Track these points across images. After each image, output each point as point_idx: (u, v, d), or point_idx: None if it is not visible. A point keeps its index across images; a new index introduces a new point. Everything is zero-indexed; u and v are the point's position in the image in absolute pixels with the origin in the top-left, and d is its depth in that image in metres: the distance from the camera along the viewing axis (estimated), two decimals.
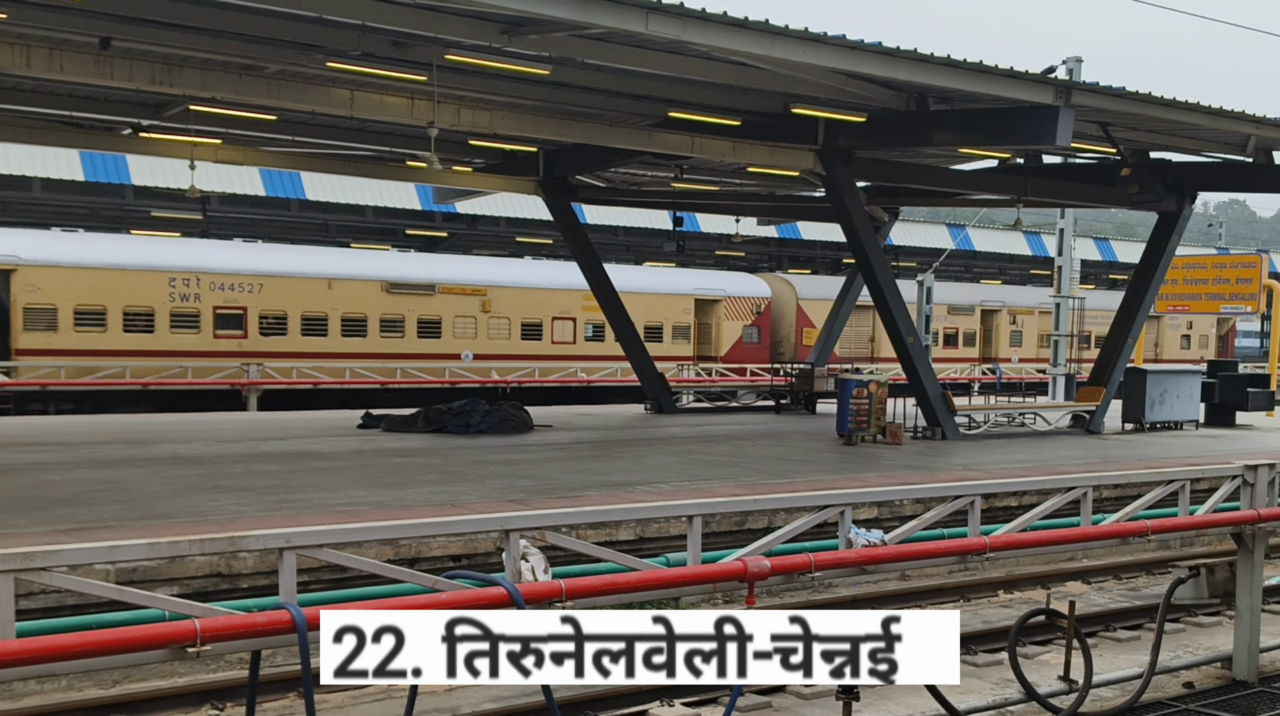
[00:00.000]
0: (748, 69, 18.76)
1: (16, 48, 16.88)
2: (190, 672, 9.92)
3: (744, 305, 45.13)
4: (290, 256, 37.19)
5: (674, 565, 11.23)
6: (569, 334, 41.02)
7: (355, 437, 23.08)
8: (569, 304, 40.75)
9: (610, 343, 39.62)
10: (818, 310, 44.63)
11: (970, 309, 52.16)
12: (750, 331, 45.18)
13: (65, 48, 17.32)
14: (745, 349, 44.84)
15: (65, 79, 18.35)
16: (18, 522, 12.15)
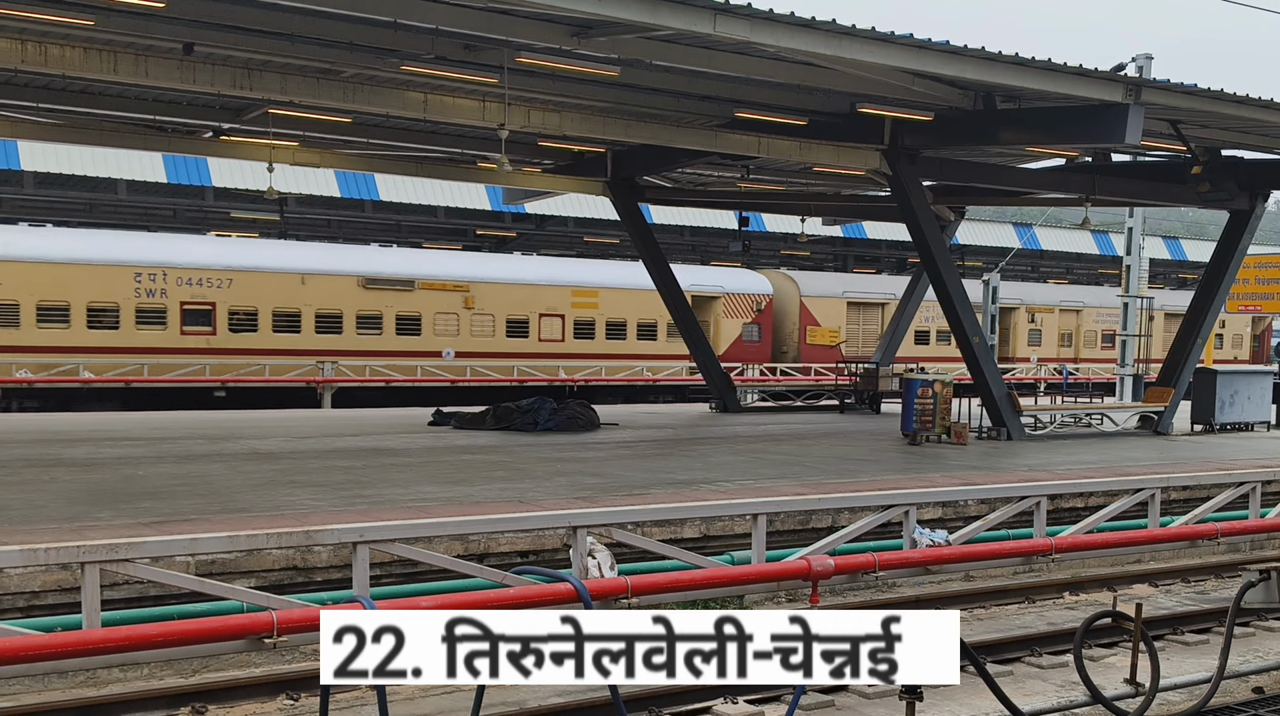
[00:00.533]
0: (814, 69, 18.70)
1: (104, 54, 17.23)
2: (266, 663, 10.07)
3: (743, 302, 43.24)
4: (262, 251, 36.12)
5: (738, 563, 11.26)
6: (557, 332, 39.62)
7: (426, 434, 23.29)
8: (557, 300, 39.41)
9: (600, 340, 40.14)
10: (822, 308, 44.50)
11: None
12: (750, 329, 43.37)
13: (150, 53, 17.64)
14: (745, 348, 43.08)
15: (150, 84, 18.69)
16: (102, 515, 12.40)
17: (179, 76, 17.79)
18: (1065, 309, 51.83)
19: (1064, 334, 51.52)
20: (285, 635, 6.80)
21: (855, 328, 45.82)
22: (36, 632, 6.35)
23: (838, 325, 44.85)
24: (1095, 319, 52.50)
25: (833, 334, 44.64)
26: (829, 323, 44.87)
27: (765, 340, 43.89)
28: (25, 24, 16.46)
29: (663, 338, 41.06)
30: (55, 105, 21.75)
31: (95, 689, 9.35)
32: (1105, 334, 51.73)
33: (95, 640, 6.29)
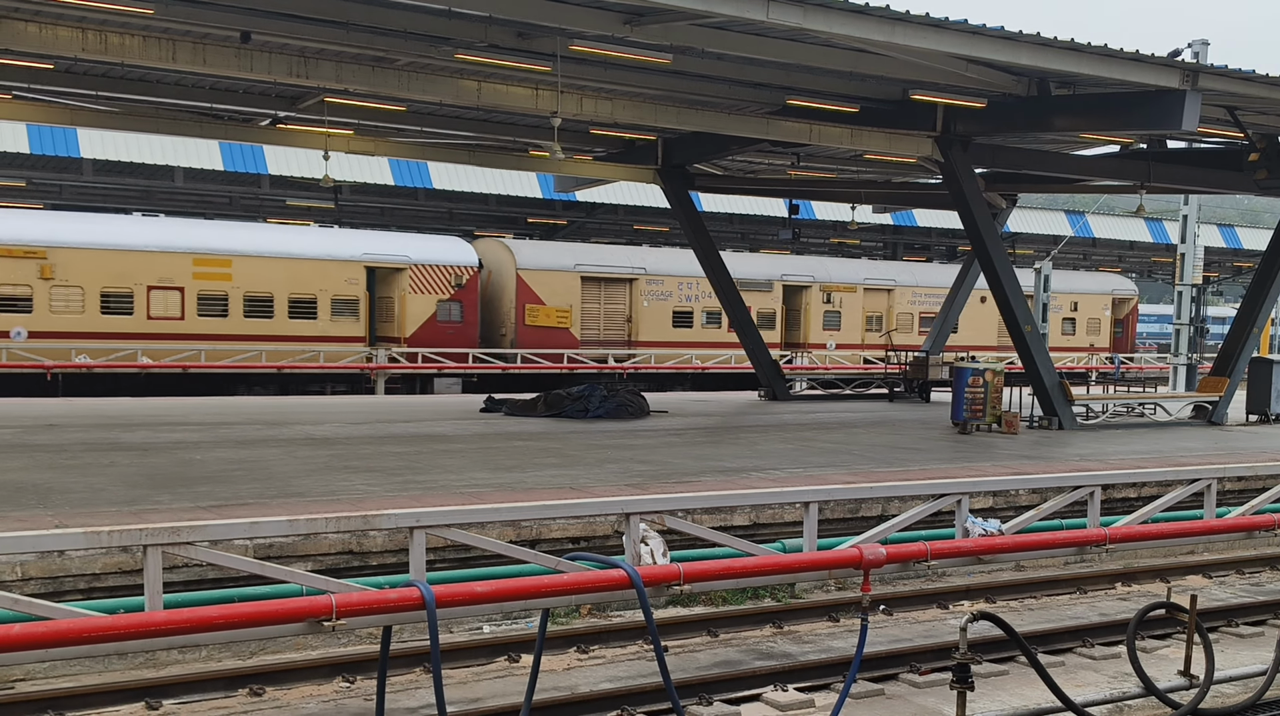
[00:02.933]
0: (866, 55, 18.59)
1: (163, 42, 17.40)
2: (323, 646, 10.17)
3: (438, 275, 36.90)
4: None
5: (790, 551, 11.23)
6: (175, 307, 32.95)
7: (478, 421, 23.40)
8: (173, 270, 32.77)
9: (236, 318, 33.46)
10: (547, 283, 38.41)
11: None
12: (448, 308, 37.12)
13: (208, 41, 17.81)
14: (440, 329, 36.90)
15: (208, 72, 18.85)
16: (162, 498, 12.56)
17: (236, 65, 17.93)
18: (871, 288, 45.77)
19: (871, 317, 45.67)
20: (344, 618, 6.84)
21: (594, 307, 39.76)
22: (99, 614, 6.43)
23: (568, 304, 38.85)
24: (910, 300, 46.59)
25: (561, 314, 38.77)
26: (556, 301, 38.63)
27: (469, 321, 37.51)
28: (85, 12, 16.65)
29: (325, 316, 34.90)
30: (114, 93, 22.00)
31: (154, 670, 9.47)
32: (925, 317, 45.81)
33: (158, 622, 6.35)
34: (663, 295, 40.50)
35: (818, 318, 44.08)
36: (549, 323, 38.45)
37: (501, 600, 7.95)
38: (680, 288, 40.49)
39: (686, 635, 11.13)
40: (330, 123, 23.38)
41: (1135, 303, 54.47)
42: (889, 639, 11.20)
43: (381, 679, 7.47)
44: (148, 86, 21.82)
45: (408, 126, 25.13)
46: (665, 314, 40.44)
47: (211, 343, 33.02)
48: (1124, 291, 53.98)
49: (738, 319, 31.58)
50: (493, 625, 11.22)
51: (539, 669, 8.23)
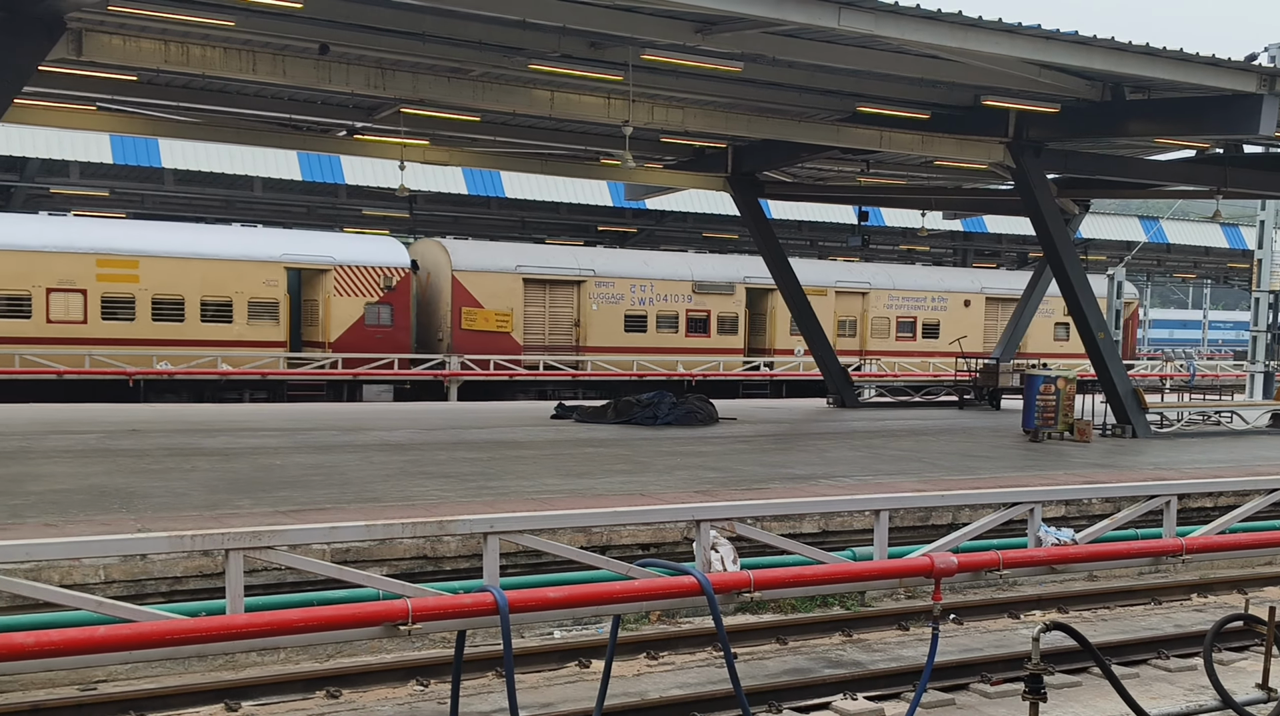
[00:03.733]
0: (938, 61, 18.44)
1: (243, 54, 17.69)
2: (397, 649, 10.27)
3: (365, 277, 34.57)
4: None
5: (860, 559, 11.15)
6: (77, 311, 30.92)
7: (549, 427, 23.50)
8: (74, 272, 30.80)
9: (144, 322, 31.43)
10: (485, 285, 36.10)
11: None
12: (377, 311, 34.87)
13: (287, 53, 18.05)
14: (368, 334, 34.64)
15: (287, 83, 19.13)
16: (242, 503, 12.75)
17: (315, 76, 18.18)
18: (844, 291, 42.69)
19: (844, 321, 42.69)
20: (419, 622, 6.91)
21: (538, 310, 37.37)
22: (182, 617, 6.55)
23: (508, 307, 36.55)
24: (886, 303, 43.62)
25: (500, 318, 36.44)
26: (496, 304, 36.33)
27: (401, 324, 35.38)
28: (167, 25, 16.96)
29: (241, 319, 32.78)
30: (195, 104, 22.38)
31: (233, 671, 9.63)
32: (903, 321, 43.67)
33: (239, 625, 6.46)
34: (614, 298, 37.97)
35: (784, 322, 40.49)
36: (488, 327, 36.28)
37: (573, 606, 7.99)
38: (633, 290, 37.95)
39: (755, 642, 11.11)
40: (406, 133, 23.61)
41: (1135, 307, 51.26)
42: (960, 648, 11.10)
43: (456, 682, 7.53)
44: (228, 98, 22.18)
45: (481, 136, 25.32)
46: (617, 318, 37.97)
47: (116, 347, 31.07)
48: (1125, 294, 51.48)
49: (806, 327, 31.39)
50: (563, 630, 11.27)
51: (610, 674, 8.26)
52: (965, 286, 45.41)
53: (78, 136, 33.97)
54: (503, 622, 7.18)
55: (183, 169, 37.49)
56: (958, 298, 44.73)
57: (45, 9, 14.78)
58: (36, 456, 16.56)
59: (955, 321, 43.68)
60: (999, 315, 44.91)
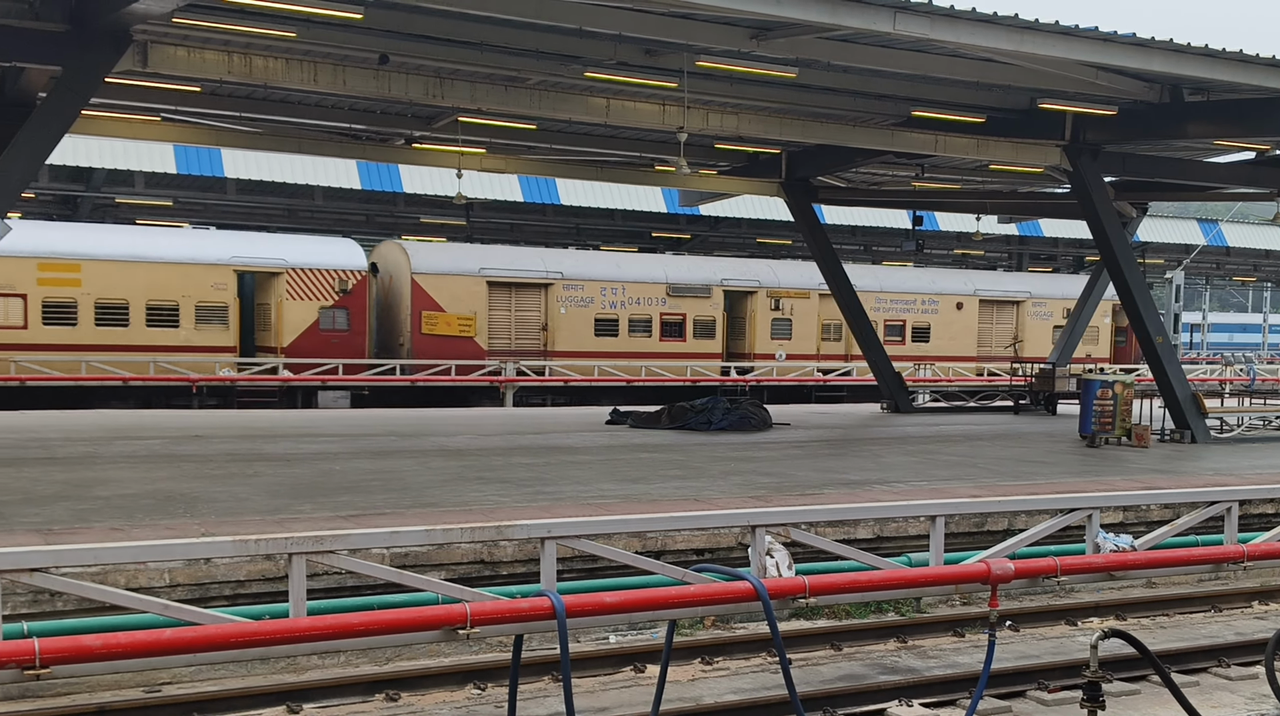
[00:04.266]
0: (994, 64, 18.32)
1: (305, 64, 17.92)
2: (455, 653, 10.33)
3: (319, 280, 33.25)
4: None
5: (915, 565, 11.08)
6: (17, 316, 29.97)
7: (603, 433, 23.55)
8: (15, 276, 29.67)
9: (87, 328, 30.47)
10: (447, 289, 34.81)
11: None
12: (332, 315, 33.54)
13: (347, 64, 18.27)
14: (323, 339, 33.28)
15: (347, 93, 19.35)
16: (303, 508, 12.87)
17: (375, 86, 18.37)
18: (828, 294, 38.52)
19: (829, 324, 40.69)
20: (477, 627, 6.96)
21: (503, 314, 36.01)
22: (246, 620, 6.63)
23: (471, 311, 35.23)
24: (873, 306, 40.37)
25: (463, 322, 35.09)
26: (458, 307, 35.05)
27: (357, 329, 34.07)
28: (230, 36, 17.22)
29: (188, 324, 31.76)
30: (257, 114, 22.67)
31: (295, 674, 9.73)
32: (891, 324, 41.48)
33: (302, 628, 6.53)
34: (583, 301, 36.63)
35: (765, 326, 39.65)
36: (449, 331, 34.88)
37: (629, 610, 8.01)
38: (604, 293, 36.68)
39: (810, 647, 11.07)
40: (463, 141, 23.77)
41: None
42: (1016, 655, 11.00)
43: (513, 686, 7.56)
44: (289, 108, 22.45)
45: (537, 144, 25.44)
46: (586, 321, 36.67)
47: (58, 353, 30.03)
48: None
49: (861, 333, 31.22)
50: (619, 635, 11.29)
51: (665, 679, 8.26)
52: (957, 288, 43.62)
53: (143, 147, 34.45)
54: (560, 627, 7.21)
55: (245, 178, 37.93)
56: (949, 300, 43.21)
57: (112, 22, 15.05)
58: (103, 461, 16.83)
59: (947, 324, 42.49)
60: (994, 318, 43.87)
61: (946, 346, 41.81)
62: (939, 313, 42.64)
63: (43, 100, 16.79)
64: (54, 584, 6.61)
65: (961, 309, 43.23)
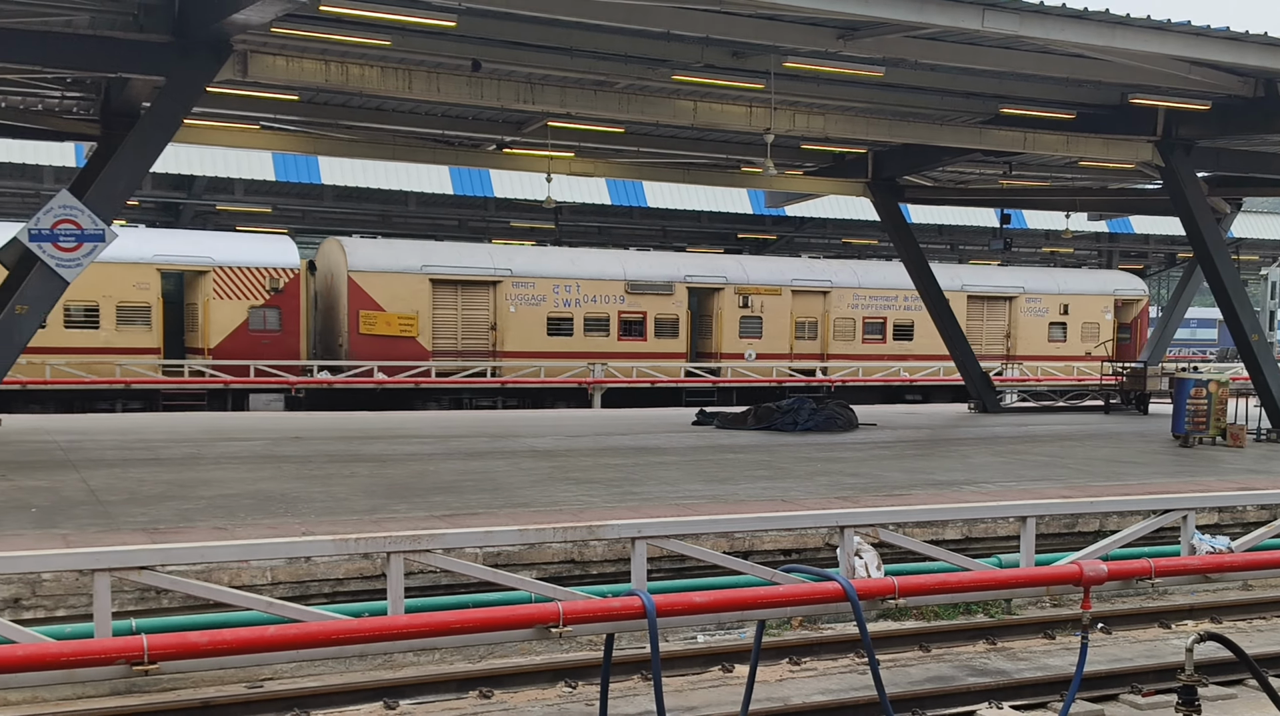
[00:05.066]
0: (1084, 60, 18.00)
1: (399, 72, 18.15)
2: (546, 651, 10.40)
3: (249, 278, 31.77)
4: None
5: (1005, 566, 10.94)
6: None
7: (690, 434, 23.54)
8: None
9: None
10: (385, 287, 33.12)
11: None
12: (263, 315, 32.15)
13: (441, 71, 18.46)
14: (253, 339, 31.86)
15: (440, 99, 19.54)
16: (399, 508, 13.04)
17: (468, 92, 18.56)
18: (802, 290, 38.72)
19: (803, 322, 38.80)
20: (570, 625, 7.00)
21: (449, 313, 34.23)
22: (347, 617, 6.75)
23: (414, 310, 33.52)
24: (851, 303, 39.46)
25: (404, 322, 33.40)
26: (399, 307, 33.34)
27: (289, 329, 32.51)
28: (328, 45, 17.51)
29: (109, 325, 30.41)
30: (353, 122, 23.01)
31: (391, 671, 9.86)
32: (870, 322, 39.63)
33: (400, 626, 6.62)
34: (534, 299, 34.76)
35: (733, 324, 37.53)
36: (389, 331, 33.20)
37: (719, 611, 8.00)
38: (556, 291, 34.95)
39: (898, 649, 10.98)
40: (552, 145, 23.93)
41: (1145, 304, 46.14)
42: (1108, 658, 10.81)
43: (605, 685, 7.59)
44: (384, 115, 22.75)
45: (625, 147, 25.52)
46: (538, 321, 34.77)
47: None
48: (1129, 291, 45.36)
49: (947, 332, 30.85)
50: (707, 634, 11.28)
51: (755, 679, 8.24)
52: (943, 283, 38.99)
53: (243, 154, 35.17)
54: (650, 626, 7.22)
55: (341, 185, 38.53)
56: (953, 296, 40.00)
57: (213, 32, 15.37)
58: (206, 462, 17.21)
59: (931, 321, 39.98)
60: (984, 314, 41.51)
61: (931, 345, 38.20)
62: (923, 309, 38.57)
63: (147, 110, 17.17)
64: (161, 582, 6.77)
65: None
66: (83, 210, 15.30)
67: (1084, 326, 43.16)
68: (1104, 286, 44.71)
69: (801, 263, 41.01)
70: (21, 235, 15.34)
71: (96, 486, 14.42)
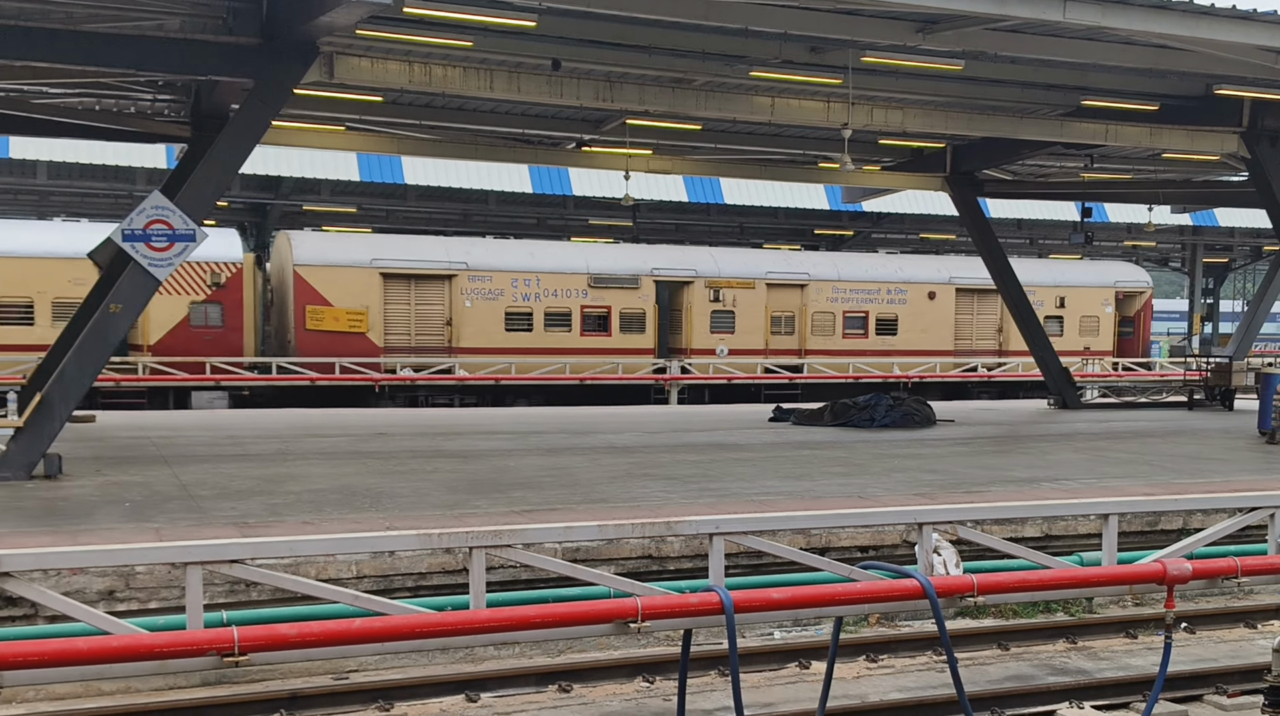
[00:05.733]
0: (1167, 51, 17.68)
1: (481, 72, 18.34)
2: (624, 647, 10.43)
3: (190, 273, 30.35)
4: None
5: (1087, 564, 10.76)
6: None
7: (767, 430, 23.46)
8: None
9: None
10: (333, 282, 31.87)
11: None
12: (204, 311, 31.08)
13: (521, 70, 18.61)
14: (195, 336, 30.78)
15: (521, 99, 19.68)
16: (480, 503, 13.15)
17: (548, 92, 18.70)
18: (777, 283, 37.03)
19: (779, 316, 37.13)
20: (648, 621, 7.00)
21: (401, 308, 32.97)
22: (431, 611, 6.81)
23: (363, 305, 32.27)
24: (830, 297, 37.59)
25: (353, 317, 32.14)
26: (348, 301, 32.14)
27: (233, 325, 31.46)
28: (411, 47, 17.71)
29: (44, 320, 29.25)
30: (435, 122, 23.23)
31: (472, 664, 9.95)
32: (851, 316, 37.90)
33: (482, 620, 6.67)
34: (491, 294, 33.49)
35: (703, 319, 35.92)
36: (338, 327, 31.99)
37: (796, 607, 7.96)
38: (515, 285, 33.74)
39: (976, 647, 10.86)
40: (631, 143, 23.97)
41: (1149, 296, 43.72)
42: (1192, 658, 10.61)
43: (683, 680, 7.61)
44: (465, 115, 22.95)
45: (702, 144, 25.50)
46: (495, 316, 33.51)
47: None
48: (1131, 283, 43.18)
49: (1028, 329, 30.36)
50: (783, 631, 11.25)
51: (832, 676, 8.20)
52: (929, 276, 39.27)
53: (328, 155, 35.56)
54: (728, 623, 7.22)
55: (423, 185, 38.88)
56: (920, 289, 38.76)
57: (300, 35, 15.59)
58: (294, 458, 17.48)
59: (917, 316, 38.46)
60: (975, 308, 39.68)
61: (917, 340, 38.15)
62: (908, 303, 38.61)
63: (236, 112, 17.48)
64: (251, 575, 6.88)
65: (934, 299, 38.96)
66: (174, 211, 15.59)
67: (1082, 320, 41.32)
68: (1104, 278, 42.68)
69: (778, 254, 39.63)
70: (115, 235, 15.65)
71: (188, 481, 14.72)
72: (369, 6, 14.26)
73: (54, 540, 10.45)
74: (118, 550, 7.28)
